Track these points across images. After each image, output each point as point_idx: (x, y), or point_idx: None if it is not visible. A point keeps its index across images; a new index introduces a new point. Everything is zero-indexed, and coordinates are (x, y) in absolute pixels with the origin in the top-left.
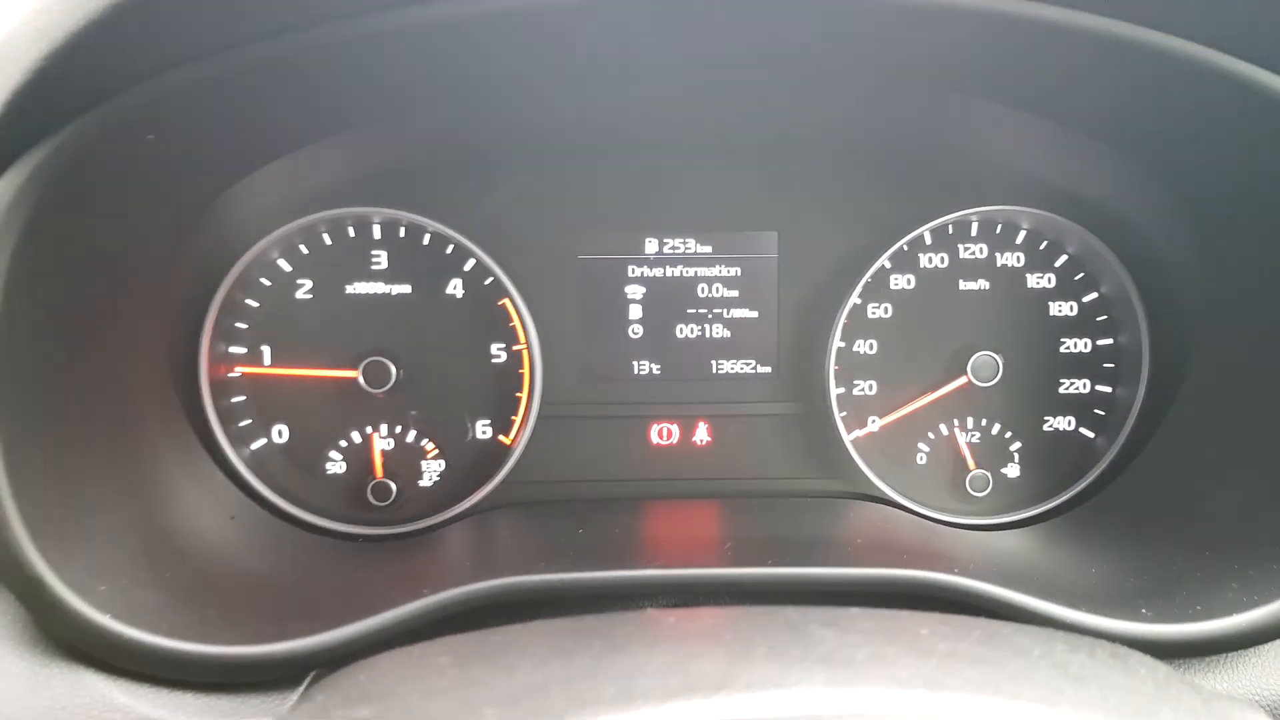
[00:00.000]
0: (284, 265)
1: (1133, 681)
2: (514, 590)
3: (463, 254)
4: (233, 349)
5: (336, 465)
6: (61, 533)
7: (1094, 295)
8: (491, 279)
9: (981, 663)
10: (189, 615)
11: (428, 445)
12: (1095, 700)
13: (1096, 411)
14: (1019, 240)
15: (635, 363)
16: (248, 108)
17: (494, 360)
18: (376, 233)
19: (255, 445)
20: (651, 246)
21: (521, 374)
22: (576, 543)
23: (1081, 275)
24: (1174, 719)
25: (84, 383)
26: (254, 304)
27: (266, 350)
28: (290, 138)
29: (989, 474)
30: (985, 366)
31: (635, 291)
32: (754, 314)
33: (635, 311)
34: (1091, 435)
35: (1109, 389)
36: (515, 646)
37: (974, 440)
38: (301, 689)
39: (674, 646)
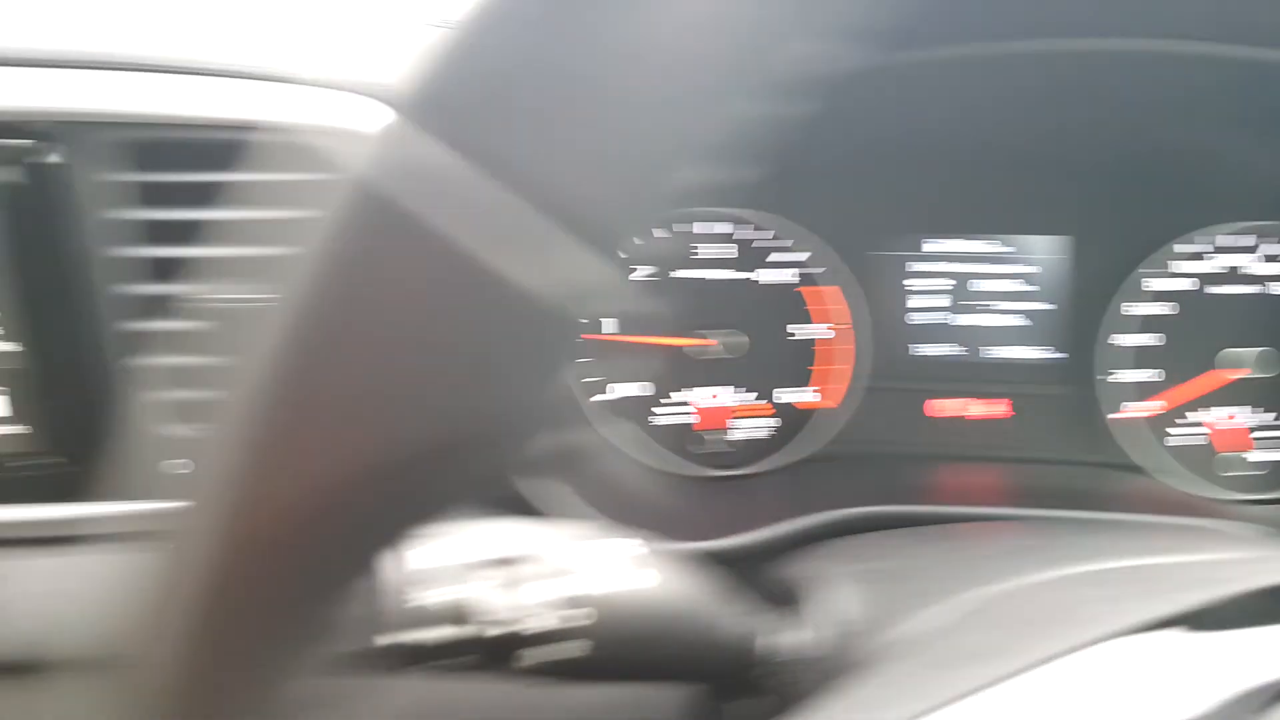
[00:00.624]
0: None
1: None
2: (889, 516)
3: (792, 246)
4: None
5: (669, 418)
6: None
7: None
8: (818, 269)
9: None
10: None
11: (749, 405)
12: None
13: None
14: None
15: (941, 344)
16: None
17: (809, 337)
18: (715, 228)
19: (602, 398)
20: (961, 245)
21: (834, 350)
22: (905, 489)
23: None
24: None
25: None
26: None
27: (613, 321)
28: None
29: (1258, 457)
30: (1252, 360)
31: (943, 283)
32: (1053, 307)
33: (942, 300)
34: None
35: None
36: (948, 538)
37: (1243, 425)
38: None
39: (1076, 538)
